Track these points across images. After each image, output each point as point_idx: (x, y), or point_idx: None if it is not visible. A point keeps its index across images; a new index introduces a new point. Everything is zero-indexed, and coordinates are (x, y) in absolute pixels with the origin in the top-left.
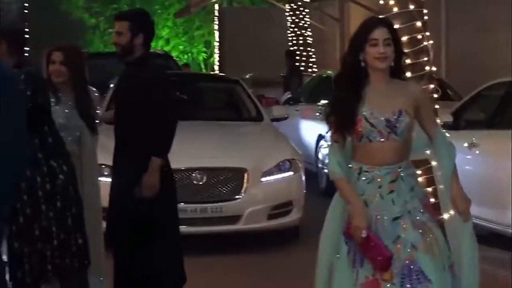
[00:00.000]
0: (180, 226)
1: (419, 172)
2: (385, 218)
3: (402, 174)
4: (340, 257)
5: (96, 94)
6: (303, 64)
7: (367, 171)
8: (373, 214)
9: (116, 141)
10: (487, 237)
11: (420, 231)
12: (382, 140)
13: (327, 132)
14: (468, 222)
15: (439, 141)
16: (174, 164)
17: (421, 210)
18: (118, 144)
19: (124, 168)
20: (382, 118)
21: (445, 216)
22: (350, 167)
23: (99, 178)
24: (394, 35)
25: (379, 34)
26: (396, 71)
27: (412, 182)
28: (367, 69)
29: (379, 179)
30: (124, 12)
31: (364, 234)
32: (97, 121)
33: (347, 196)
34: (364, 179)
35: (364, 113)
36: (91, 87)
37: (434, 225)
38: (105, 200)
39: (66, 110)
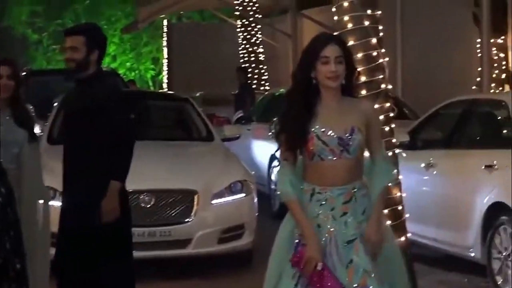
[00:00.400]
0: None
1: None
2: (339, 241)
3: (356, 195)
4: (283, 280)
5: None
6: (255, 81)
7: (319, 193)
8: (327, 237)
9: (67, 163)
10: (445, 260)
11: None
12: (334, 158)
13: (276, 151)
14: (376, 259)
15: (378, 163)
16: None
17: None
18: (70, 166)
19: (78, 192)
20: (335, 136)
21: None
22: (302, 188)
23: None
24: (346, 52)
25: (331, 51)
26: (348, 89)
27: (365, 204)
28: (318, 86)
29: (332, 201)
30: (77, 26)
31: (319, 267)
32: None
33: (300, 222)
34: (317, 201)
35: (316, 131)
36: (27, 105)
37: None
38: (53, 225)
39: (2, 126)
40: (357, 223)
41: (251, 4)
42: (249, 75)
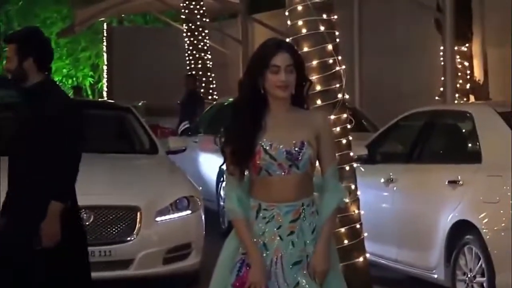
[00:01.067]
0: None
1: None
2: (285, 262)
3: (304, 213)
4: None
5: None
6: (202, 90)
7: (266, 209)
8: (273, 258)
9: (10, 178)
10: (406, 283)
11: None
12: (282, 174)
13: (222, 165)
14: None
15: (328, 181)
16: None
17: None
18: (13, 182)
19: (17, 212)
20: (283, 150)
21: None
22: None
23: None
24: (297, 60)
25: (281, 60)
26: (298, 100)
27: (315, 222)
28: (266, 95)
29: (279, 218)
30: (12, 33)
31: None
32: None
33: (245, 243)
34: (263, 218)
35: (263, 144)
36: None
37: (333, 273)
38: None
39: None
40: (304, 244)
41: (198, 7)
42: (197, 83)
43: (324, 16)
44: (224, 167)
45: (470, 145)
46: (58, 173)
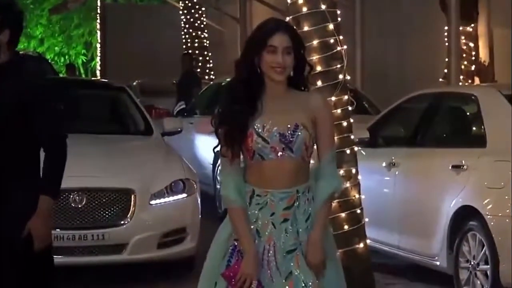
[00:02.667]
0: (56, 256)
1: None
2: (278, 250)
3: (299, 200)
4: None
5: None
6: (199, 70)
7: (259, 195)
8: (265, 245)
9: None
10: (409, 270)
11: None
12: (276, 157)
13: (215, 147)
14: (321, 279)
15: (324, 166)
16: None
17: None
18: None
19: None
20: (276, 132)
21: None
22: None
23: None
24: (296, 42)
25: (279, 41)
26: (296, 83)
27: (310, 210)
28: (263, 76)
29: (272, 205)
30: None
31: (254, 285)
32: None
33: (239, 233)
34: (256, 204)
35: (256, 126)
36: None
37: (329, 262)
38: None
39: None
40: (299, 232)
41: None
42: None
43: None
44: (218, 149)
45: (474, 128)
46: (47, 162)
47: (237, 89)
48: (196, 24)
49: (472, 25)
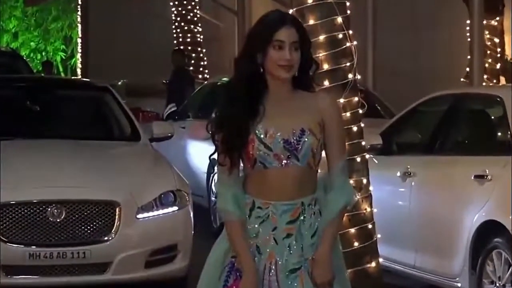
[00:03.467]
0: (32, 277)
1: None
2: (280, 269)
3: (304, 213)
4: None
5: None
6: (191, 68)
7: (260, 207)
8: (266, 264)
9: None
10: None
11: None
12: (280, 166)
13: (211, 155)
14: None
15: (335, 177)
16: (22, 196)
17: None
18: None
19: None
20: (280, 138)
21: None
22: None
23: None
24: (303, 38)
25: (286, 35)
26: (302, 83)
27: (316, 224)
28: (265, 75)
29: (274, 219)
30: None
31: None
32: None
33: (237, 249)
34: (257, 218)
35: (258, 132)
36: None
37: (337, 283)
38: None
39: None
40: (303, 248)
41: None
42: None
43: None
44: (215, 157)
45: (499, 134)
46: None
47: (237, 90)
48: (189, 17)
49: (497, 18)
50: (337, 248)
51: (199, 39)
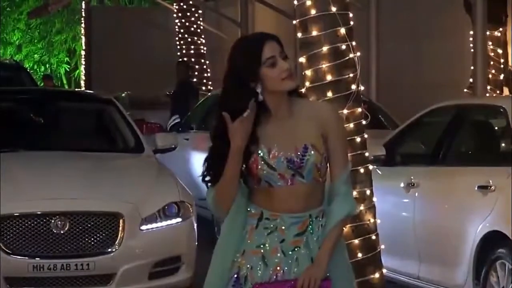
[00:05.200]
0: None
1: None
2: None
3: (312, 226)
4: None
5: None
6: (195, 79)
7: (268, 219)
8: (272, 275)
9: None
10: None
11: None
12: (286, 185)
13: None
14: None
15: (338, 188)
16: (26, 208)
17: None
18: None
19: None
20: (283, 158)
21: None
22: (248, 210)
23: None
24: (282, 46)
25: (272, 49)
26: (293, 90)
27: (323, 236)
28: (263, 95)
29: (282, 230)
30: None
31: (246, 114)
32: None
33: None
34: (265, 228)
35: (261, 151)
36: None
37: None
38: None
39: None
40: (310, 260)
41: None
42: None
43: None
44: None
45: (503, 144)
46: None
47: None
48: (192, 29)
49: (501, 29)
50: (345, 259)
51: (202, 50)
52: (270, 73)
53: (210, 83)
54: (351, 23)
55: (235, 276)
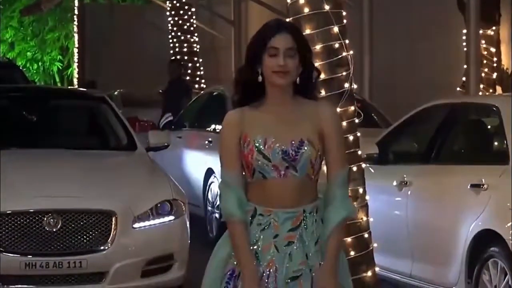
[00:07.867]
0: (28, 286)
1: None
2: (280, 277)
3: (306, 221)
4: None
5: None
6: (188, 77)
7: (262, 215)
8: (265, 271)
9: None
10: None
11: None
12: (278, 177)
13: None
14: None
15: (335, 190)
16: (19, 205)
17: None
18: None
19: None
20: (279, 150)
21: None
22: None
23: None
24: (301, 44)
25: (280, 42)
26: (304, 90)
27: (318, 232)
28: (265, 84)
29: (276, 226)
30: None
31: None
32: None
33: (238, 249)
34: (258, 225)
35: (257, 142)
36: None
37: None
38: None
39: None
40: (304, 257)
41: None
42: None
43: None
44: (211, 166)
45: (496, 143)
46: None
47: (240, 100)
48: (185, 27)
49: (494, 28)
50: (343, 262)
51: (195, 49)
52: (267, 61)
53: (203, 81)
54: (344, 21)
55: (229, 273)
